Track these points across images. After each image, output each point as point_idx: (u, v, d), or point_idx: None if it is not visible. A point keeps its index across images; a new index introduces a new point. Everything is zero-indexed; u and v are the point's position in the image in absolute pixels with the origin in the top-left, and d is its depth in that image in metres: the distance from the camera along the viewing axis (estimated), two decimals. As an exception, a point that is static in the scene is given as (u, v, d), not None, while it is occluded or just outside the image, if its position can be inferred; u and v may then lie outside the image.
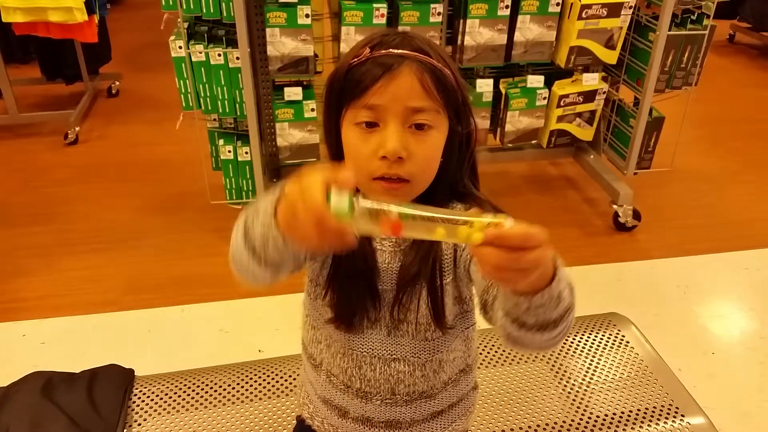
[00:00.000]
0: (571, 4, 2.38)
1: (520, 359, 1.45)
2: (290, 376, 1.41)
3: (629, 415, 1.31)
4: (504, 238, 0.59)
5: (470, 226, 0.59)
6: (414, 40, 0.81)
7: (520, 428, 1.28)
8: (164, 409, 1.33)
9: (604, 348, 1.48)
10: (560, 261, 0.69)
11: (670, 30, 2.39)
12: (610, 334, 1.51)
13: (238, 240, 0.76)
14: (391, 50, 0.79)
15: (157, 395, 1.36)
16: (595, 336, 1.51)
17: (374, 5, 2.22)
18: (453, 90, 0.81)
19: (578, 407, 1.33)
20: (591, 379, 1.40)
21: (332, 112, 0.84)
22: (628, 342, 1.49)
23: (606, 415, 1.31)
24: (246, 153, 2.40)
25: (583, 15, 2.38)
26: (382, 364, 0.91)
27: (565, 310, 0.70)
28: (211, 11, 2.18)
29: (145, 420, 1.30)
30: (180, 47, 2.23)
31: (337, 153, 0.86)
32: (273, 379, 1.41)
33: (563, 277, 0.69)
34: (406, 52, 0.79)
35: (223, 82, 2.28)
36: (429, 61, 0.79)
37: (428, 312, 0.87)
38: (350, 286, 0.69)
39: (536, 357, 1.46)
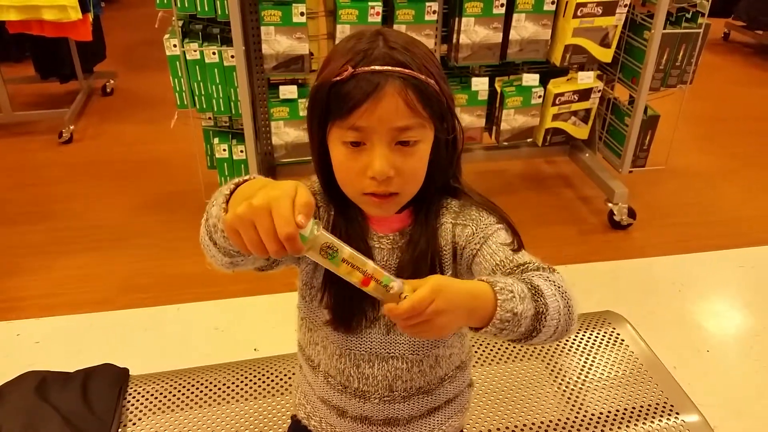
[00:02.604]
0: (567, 2, 2.38)
1: (515, 357, 1.46)
2: (285, 375, 1.41)
3: (624, 413, 1.31)
4: (396, 315, 0.67)
5: (387, 290, 0.69)
6: (395, 50, 0.79)
7: (516, 426, 1.29)
8: (159, 409, 1.32)
9: (599, 346, 1.48)
10: (503, 284, 0.72)
11: (665, 28, 2.40)
12: (605, 332, 1.51)
13: (203, 224, 0.78)
14: (373, 67, 0.77)
15: (152, 394, 1.35)
16: (590, 334, 1.51)
17: (369, 3, 2.22)
18: (437, 100, 0.81)
19: (573, 405, 1.33)
20: (586, 377, 1.40)
21: (316, 127, 0.84)
22: (623, 340, 1.49)
23: (601, 413, 1.31)
24: (241, 151, 2.40)
25: (578, 13, 2.38)
26: (380, 361, 0.91)
27: (535, 316, 0.74)
28: (206, 9, 2.17)
29: (139, 419, 1.30)
30: (175, 45, 2.23)
31: (322, 164, 0.87)
32: (268, 377, 1.40)
33: (509, 297, 0.72)
34: (389, 68, 0.77)
35: (217, 81, 2.28)
36: (412, 74, 0.78)
37: None
38: (346, 287, 0.70)
39: (531, 355, 1.46)
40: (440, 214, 0.89)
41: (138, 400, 1.34)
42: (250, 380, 1.40)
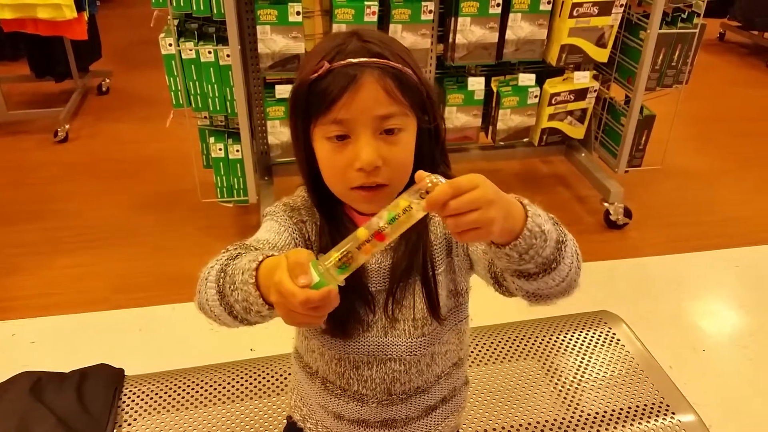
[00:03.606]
0: (563, 2, 2.38)
1: (511, 357, 1.46)
2: (281, 375, 1.41)
3: (620, 413, 1.31)
4: (436, 201, 0.62)
5: (412, 205, 0.64)
6: (370, 44, 0.80)
7: (511, 426, 1.29)
8: (154, 409, 1.32)
9: (595, 346, 1.48)
10: (528, 201, 0.71)
11: (660, 28, 2.40)
12: (601, 332, 1.51)
13: (212, 297, 0.78)
14: (349, 60, 0.78)
15: (147, 395, 1.35)
16: (586, 334, 1.51)
17: (365, 3, 2.22)
18: (416, 88, 0.81)
19: (569, 405, 1.33)
20: (582, 376, 1.40)
21: (299, 127, 0.84)
22: (618, 340, 1.49)
23: (597, 413, 1.31)
24: (237, 151, 2.39)
25: (574, 13, 2.38)
26: (378, 363, 0.91)
27: (557, 242, 0.72)
28: (201, 8, 2.17)
29: (135, 420, 1.30)
30: (170, 44, 2.22)
31: (308, 165, 0.87)
32: (264, 378, 1.40)
33: (537, 213, 0.70)
34: (365, 59, 0.78)
35: (213, 80, 2.27)
36: (388, 64, 0.79)
37: (424, 305, 0.88)
38: (341, 294, 0.70)
39: (527, 355, 1.46)
40: None
41: (133, 401, 1.34)
42: (246, 380, 1.39)
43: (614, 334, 1.51)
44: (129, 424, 1.29)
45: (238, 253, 0.78)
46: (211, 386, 1.37)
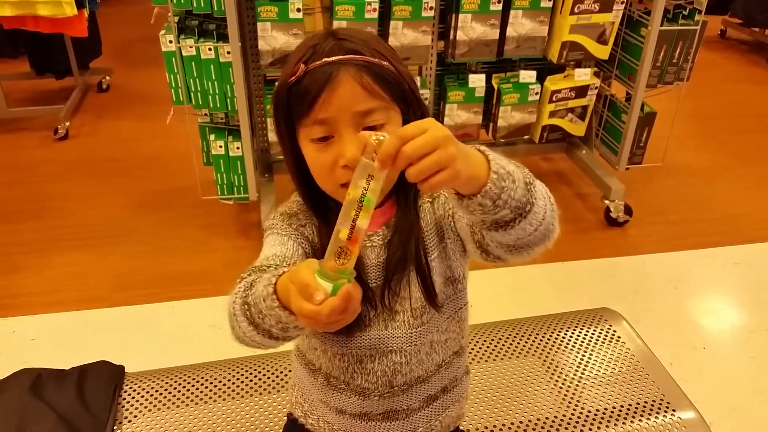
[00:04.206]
0: (564, -1, 2.38)
1: (512, 354, 1.46)
2: (282, 372, 1.41)
3: (620, 410, 1.31)
4: (387, 153, 0.62)
5: (372, 173, 0.63)
6: (345, 41, 0.80)
7: (512, 423, 1.29)
8: (155, 406, 1.32)
9: (596, 343, 1.48)
10: (484, 147, 0.70)
11: (661, 25, 2.39)
12: (602, 329, 1.51)
13: (248, 330, 0.77)
14: (324, 59, 0.79)
15: (148, 392, 1.35)
16: (587, 331, 1.51)
17: (366, 0, 2.21)
18: (396, 81, 0.81)
19: (570, 402, 1.33)
20: (582, 373, 1.40)
21: (284, 131, 0.85)
22: (619, 337, 1.49)
23: (597, 410, 1.31)
24: (237, 148, 2.39)
25: (576, 10, 2.38)
26: (380, 356, 0.91)
27: (525, 183, 0.71)
28: (202, 5, 2.16)
29: (135, 417, 1.30)
30: (170, 41, 2.21)
31: (297, 167, 0.87)
32: (264, 375, 1.40)
33: (498, 156, 0.70)
34: (340, 57, 0.78)
35: (213, 77, 2.27)
36: (364, 59, 0.79)
37: (421, 294, 0.88)
38: None
39: (528, 352, 1.46)
40: (419, 197, 0.90)
41: (133, 398, 1.34)
42: (247, 377, 1.39)
43: (615, 331, 1.51)
44: (129, 421, 1.29)
45: (252, 281, 0.78)
46: (211, 383, 1.37)
